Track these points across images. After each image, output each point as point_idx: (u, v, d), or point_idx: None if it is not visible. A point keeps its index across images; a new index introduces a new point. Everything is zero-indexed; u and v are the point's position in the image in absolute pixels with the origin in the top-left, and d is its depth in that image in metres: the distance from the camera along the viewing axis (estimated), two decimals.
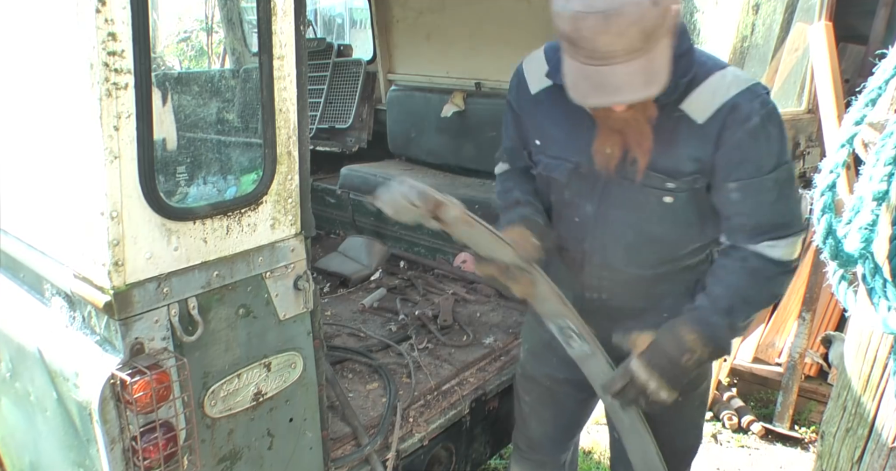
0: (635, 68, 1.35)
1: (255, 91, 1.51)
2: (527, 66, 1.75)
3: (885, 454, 1.12)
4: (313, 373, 1.77)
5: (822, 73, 3.15)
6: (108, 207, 1.29)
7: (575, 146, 1.65)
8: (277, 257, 1.62)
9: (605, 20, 1.29)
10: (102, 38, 1.20)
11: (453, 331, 2.87)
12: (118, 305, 1.34)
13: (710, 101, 1.52)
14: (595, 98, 1.42)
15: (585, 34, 1.32)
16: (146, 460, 1.41)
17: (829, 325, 3.55)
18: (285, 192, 1.60)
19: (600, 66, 1.35)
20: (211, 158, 1.96)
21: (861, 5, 3.72)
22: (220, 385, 1.55)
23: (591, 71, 1.37)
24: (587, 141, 1.61)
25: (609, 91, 1.38)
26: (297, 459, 1.79)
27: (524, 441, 2.18)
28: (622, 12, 1.29)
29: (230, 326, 1.55)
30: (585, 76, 1.39)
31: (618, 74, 1.35)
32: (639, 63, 1.35)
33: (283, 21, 1.48)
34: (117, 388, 1.37)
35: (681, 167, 1.58)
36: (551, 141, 1.71)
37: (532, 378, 2.04)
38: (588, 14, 1.31)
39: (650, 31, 1.32)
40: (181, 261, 1.43)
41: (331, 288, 3.32)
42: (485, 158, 3.94)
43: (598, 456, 3.28)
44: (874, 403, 1.15)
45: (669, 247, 1.69)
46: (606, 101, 1.43)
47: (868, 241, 0.95)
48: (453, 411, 2.37)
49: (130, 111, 1.26)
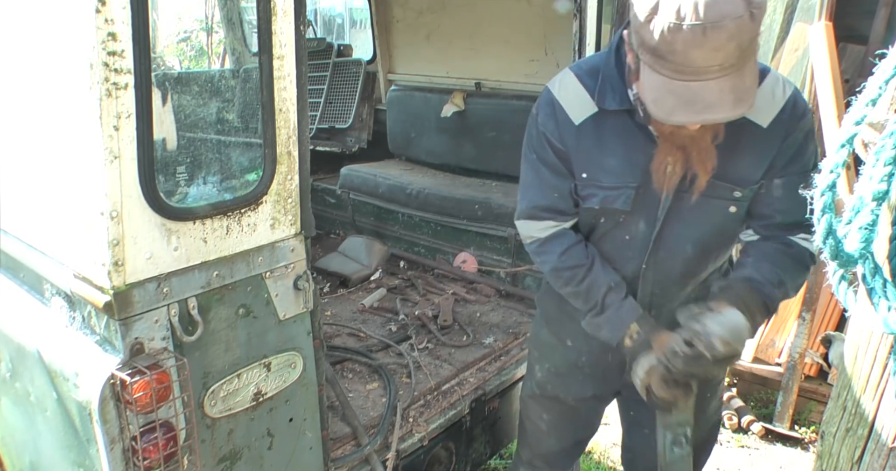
0: (727, 85, 1.27)
1: (255, 91, 1.51)
2: (562, 98, 1.62)
3: (885, 454, 1.12)
4: (313, 373, 1.77)
5: (822, 73, 3.15)
6: (108, 207, 1.29)
7: (633, 171, 1.57)
8: (277, 257, 1.62)
9: (703, 34, 1.21)
10: (102, 38, 1.20)
11: (453, 331, 2.87)
12: (118, 305, 1.34)
13: (771, 104, 1.49)
14: (682, 115, 1.32)
15: (678, 47, 1.24)
16: (146, 460, 1.41)
17: (829, 325, 3.55)
18: (285, 192, 1.60)
19: (690, 81, 1.27)
20: (211, 157, 1.96)
21: (861, 5, 3.72)
22: (220, 385, 1.55)
23: (678, 86, 1.29)
24: (644, 162, 1.55)
25: (698, 108, 1.29)
26: (297, 459, 1.79)
27: (540, 459, 2.14)
28: (721, 26, 1.21)
29: (230, 326, 1.55)
30: (671, 91, 1.30)
31: (709, 91, 1.27)
32: (731, 80, 1.27)
33: (283, 21, 1.48)
34: (117, 388, 1.37)
35: (748, 175, 1.55)
36: (604, 171, 1.60)
37: (555, 398, 1.99)
38: (684, 26, 1.23)
39: (746, 47, 1.26)
40: (181, 261, 1.43)
41: (331, 288, 3.32)
42: (485, 158, 3.95)
43: (598, 456, 3.28)
44: (874, 403, 1.15)
45: (718, 256, 1.69)
46: (696, 119, 1.33)
47: (868, 241, 0.95)
48: (453, 411, 2.37)
49: (130, 111, 1.26)
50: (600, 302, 1.66)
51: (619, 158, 1.57)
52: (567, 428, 2.07)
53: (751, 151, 1.52)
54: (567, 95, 1.61)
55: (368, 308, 3.07)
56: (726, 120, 1.35)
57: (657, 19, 1.26)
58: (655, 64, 1.30)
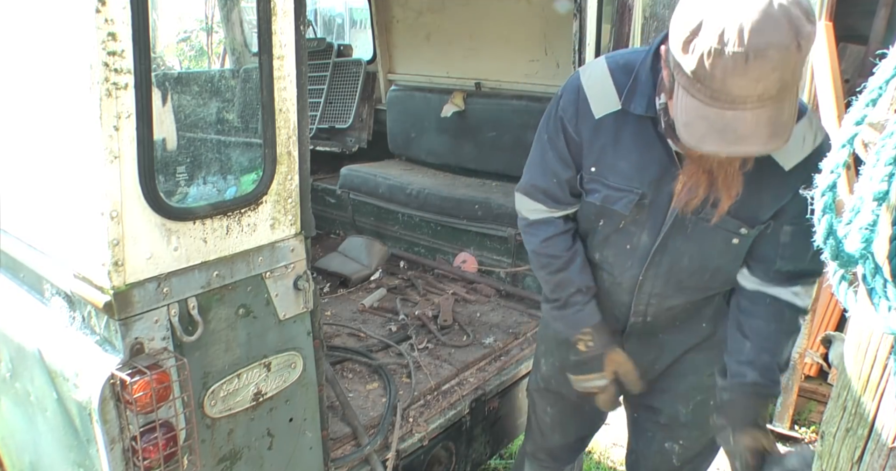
0: (764, 118, 1.20)
1: (255, 91, 1.51)
2: (589, 87, 1.57)
3: (885, 454, 1.12)
4: (313, 373, 1.77)
5: (822, 73, 3.14)
6: (108, 207, 1.28)
7: (642, 178, 1.55)
8: (277, 257, 1.62)
9: (745, 62, 1.14)
10: (102, 38, 1.20)
11: (453, 331, 2.87)
12: (118, 305, 1.34)
13: (799, 149, 1.44)
14: (713, 144, 1.25)
15: (717, 74, 1.18)
16: (146, 460, 1.40)
17: (829, 325, 3.55)
18: (285, 192, 1.60)
19: (726, 109, 1.21)
20: (211, 157, 1.96)
21: (861, 5, 3.71)
22: (220, 385, 1.55)
23: (712, 113, 1.22)
24: (656, 174, 1.53)
25: (730, 139, 1.22)
26: (297, 459, 1.79)
27: (544, 452, 2.17)
28: (765, 55, 1.14)
29: (230, 326, 1.55)
30: (704, 117, 1.23)
31: (745, 122, 1.20)
32: (768, 112, 1.20)
33: (283, 21, 1.48)
34: (117, 388, 1.37)
35: (759, 215, 1.52)
36: (613, 171, 1.58)
37: (558, 393, 2.02)
38: (726, 51, 1.15)
39: (788, 79, 1.19)
40: (181, 261, 1.43)
41: (331, 288, 3.32)
42: (485, 157, 3.96)
43: (598, 456, 3.28)
44: (874, 403, 1.15)
45: (723, 276, 1.68)
46: (726, 150, 1.26)
47: (868, 241, 0.95)
48: (453, 411, 2.37)
49: (130, 111, 1.26)
50: (565, 299, 1.74)
51: (632, 162, 1.55)
52: (570, 423, 2.09)
53: (767, 190, 1.48)
54: (594, 86, 1.56)
55: (368, 308, 3.07)
56: (758, 154, 1.30)
57: (698, 41, 1.19)
58: (691, 87, 1.24)
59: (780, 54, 1.15)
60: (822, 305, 3.49)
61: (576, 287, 1.73)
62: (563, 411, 2.06)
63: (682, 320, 1.79)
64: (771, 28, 1.15)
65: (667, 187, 1.53)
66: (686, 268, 1.64)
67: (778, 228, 1.54)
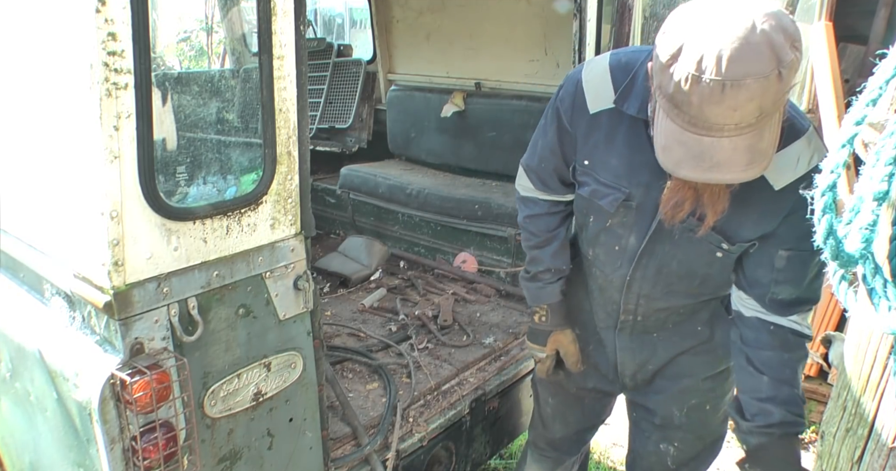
0: (742, 145, 1.19)
1: (255, 91, 1.51)
2: (587, 81, 1.57)
3: (885, 454, 1.12)
4: (313, 373, 1.77)
5: (822, 73, 3.14)
6: (108, 207, 1.28)
7: (630, 178, 1.54)
8: (277, 257, 1.62)
9: (721, 91, 1.12)
10: (102, 38, 1.20)
11: (453, 331, 2.87)
12: (118, 305, 1.34)
13: (791, 169, 1.40)
14: (688, 170, 1.24)
15: (693, 100, 1.16)
16: (146, 460, 1.40)
17: (829, 325, 3.55)
18: (285, 192, 1.60)
19: (702, 136, 1.19)
20: (211, 157, 1.96)
21: (861, 5, 3.71)
22: (220, 385, 1.55)
23: (689, 138, 1.21)
24: (645, 175, 1.51)
25: (706, 166, 1.21)
26: (297, 459, 1.79)
27: (544, 441, 2.20)
28: (742, 85, 1.12)
29: (230, 326, 1.55)
30: (681, 141, 1.22)
31: (722, 149, 1.19)
32: (746, 140, 1.18)
33: (283, 21, 1.48)
34: (117, 388, 1.37)
35: (743, 233, 1.50)
36: (603, 167, 1.58)
37: (559, 384, 2.05)
38: (703, 79, 1.13)
39: (768, 107, 1.16)
40: (181, 261, 1.43)
41: (331, 288, 3.32)
42: (485, 157, 3.96)
43: (598, 456, 3.28)
44: (874, 403, 1.15)
45: (714, 283, 1.67)
46: (701, 177, 1.25)
47: (868, 241, 0.95)
48: (453, 411, 2.37)
49: (130, 111, 1.26)
50: (534, 273, 1.88)
51: (623, 161, 1.55)
52: (571, 416, 2.11)
53: (755, 208, 1.45)
54: (592, 81, 1.56)
55: (368, 308, 3.07)
56: (734, 182, 1.26)
57: (677, 66, 1.17)
58: (671, 111, 1.23)
59: (758, 84, 1.12)
60: (822, 305, 3.49)
61: (545, 267, 1.84)
62: (563, 401, 2.09)
63: (676, 322, 1.79)
64: (750, 57, 1.13)
65: (654, 193, 1.51)
66: (675, 272, 1.64)
67: (772, 252, 1.50)
